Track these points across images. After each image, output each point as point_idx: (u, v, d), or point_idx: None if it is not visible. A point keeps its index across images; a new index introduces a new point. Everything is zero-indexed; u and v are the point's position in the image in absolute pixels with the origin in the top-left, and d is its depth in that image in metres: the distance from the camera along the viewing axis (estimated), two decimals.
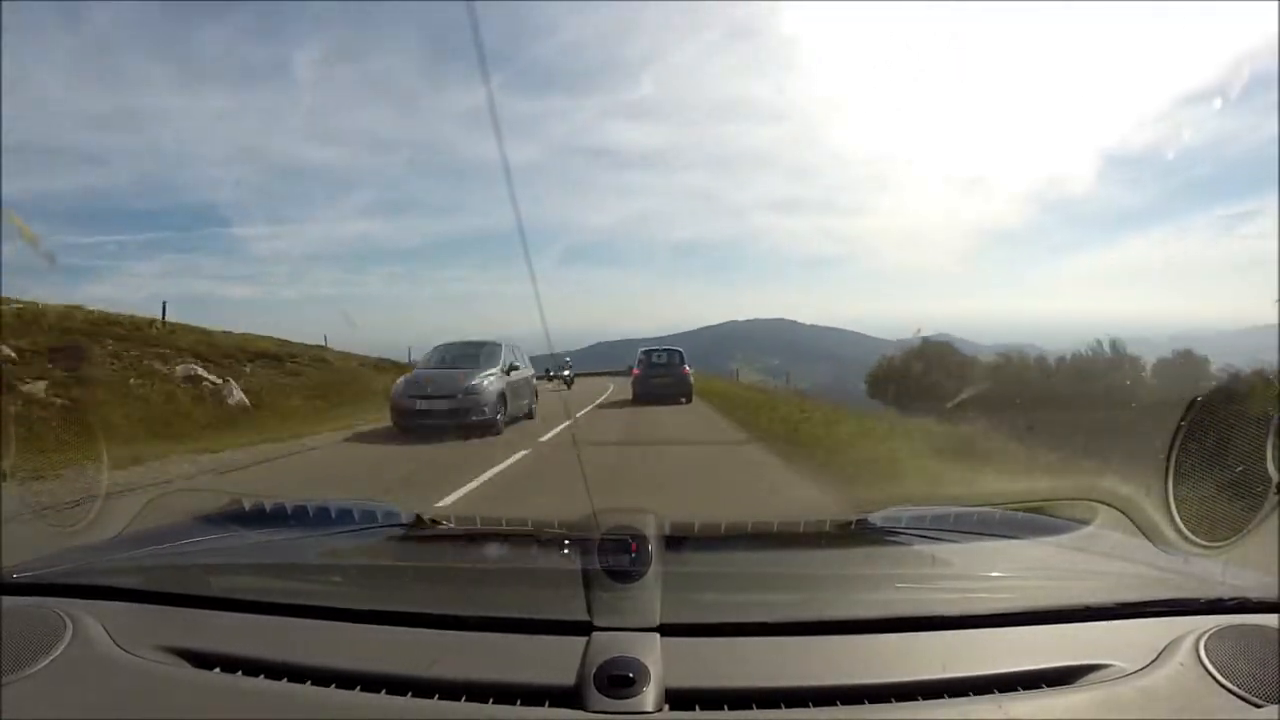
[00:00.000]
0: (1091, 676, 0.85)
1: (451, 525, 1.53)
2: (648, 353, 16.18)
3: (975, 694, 0.82)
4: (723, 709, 0.80)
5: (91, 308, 13.24)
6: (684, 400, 15.13)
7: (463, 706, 0.80)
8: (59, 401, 8.94)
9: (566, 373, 19.82)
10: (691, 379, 15.76)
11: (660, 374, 15.53)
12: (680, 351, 16.48)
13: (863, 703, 0.80)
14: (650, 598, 0.95)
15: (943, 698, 0.81)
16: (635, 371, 15.85)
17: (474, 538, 1.47)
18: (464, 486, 5.64)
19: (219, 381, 11.86)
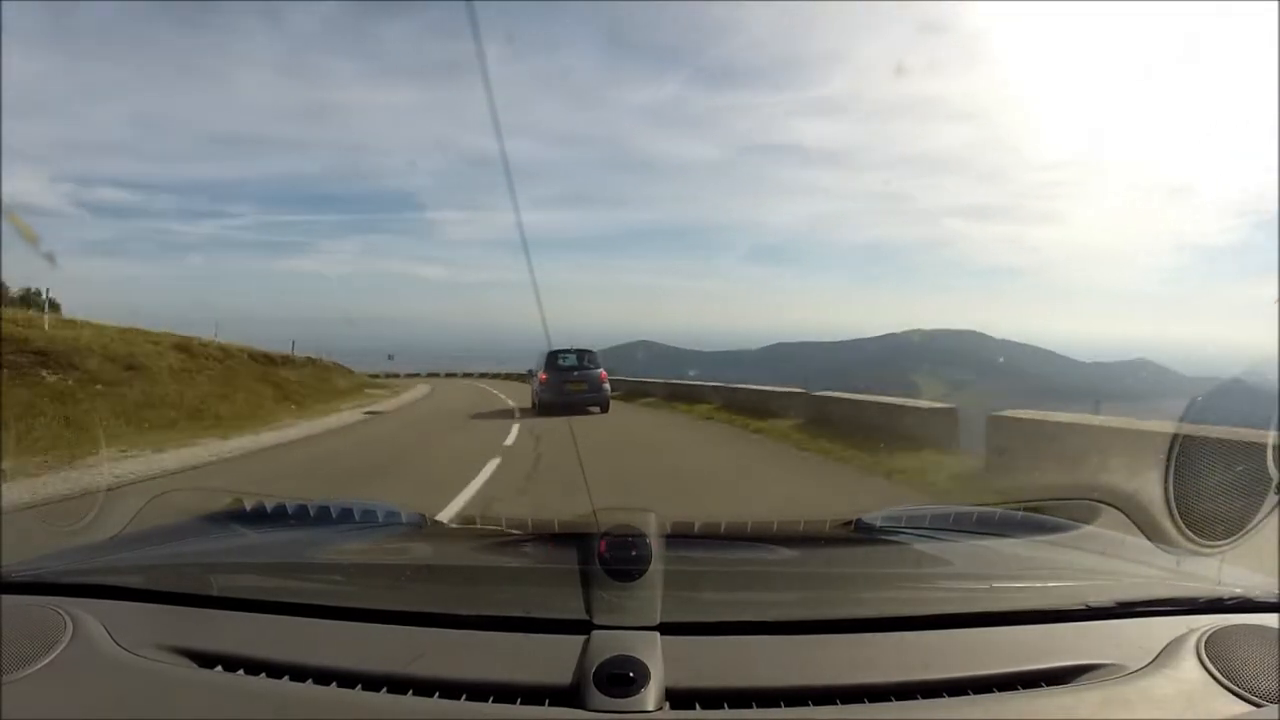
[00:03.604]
0: (1091, 676, 0.85)
1: (452, 524, 1.54)
2: (554, 354, 13.80)
3: (975, 693, 0.82)
4: (723, 708, 0.79)
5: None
6: (599, 410, 13.37)
7: (463, 705, 0.80)
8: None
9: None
10: (608, 385, 13.83)
11: (573, 379, 13.71)
12: (593, 352, 14.31)
13: (863, 701, 0.80)
14: (650, 596, 0.95)
15: (942, 697, 0.81)
16: (542, 376, 13.73)
17: (474, 537, 1.47)
18: None
19: None
